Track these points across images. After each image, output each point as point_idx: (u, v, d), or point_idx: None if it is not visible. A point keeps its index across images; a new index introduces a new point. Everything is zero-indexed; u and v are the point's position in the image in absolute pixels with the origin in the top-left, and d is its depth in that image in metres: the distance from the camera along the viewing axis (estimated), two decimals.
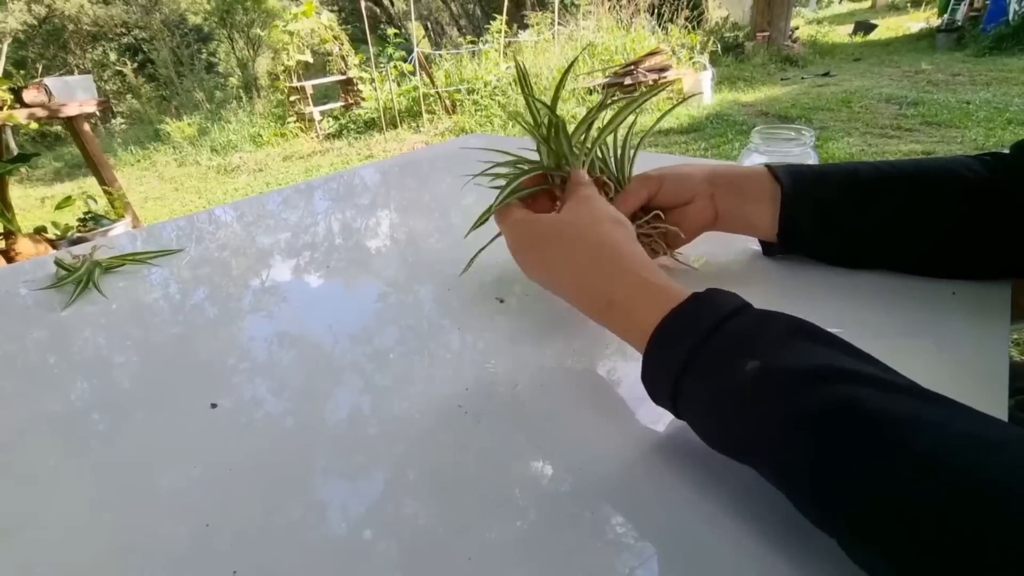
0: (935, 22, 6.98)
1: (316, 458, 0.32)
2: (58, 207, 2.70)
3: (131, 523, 0.29)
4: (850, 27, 8.05)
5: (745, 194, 0.46)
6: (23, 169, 6.33)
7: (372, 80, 5.90)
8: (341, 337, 0.44)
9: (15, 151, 3.13)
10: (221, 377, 0.40)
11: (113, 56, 9.99)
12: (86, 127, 2.98)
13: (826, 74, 5.68)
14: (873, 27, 7.78)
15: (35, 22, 9.89)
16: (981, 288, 0.41)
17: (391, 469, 0.31)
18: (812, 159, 0.62)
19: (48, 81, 2.83)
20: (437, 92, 5.64)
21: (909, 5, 9.34)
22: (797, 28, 7.52)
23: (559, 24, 6.52)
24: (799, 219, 0.44)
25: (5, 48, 4.29)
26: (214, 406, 0.37)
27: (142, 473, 0.32)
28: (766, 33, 6.45)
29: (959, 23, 6.32)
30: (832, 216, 0.43)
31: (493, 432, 0.32)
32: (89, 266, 0.58)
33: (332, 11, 7.05)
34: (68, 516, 0.29)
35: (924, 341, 0.37)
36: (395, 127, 5.66)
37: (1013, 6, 5.55)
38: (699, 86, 5.06)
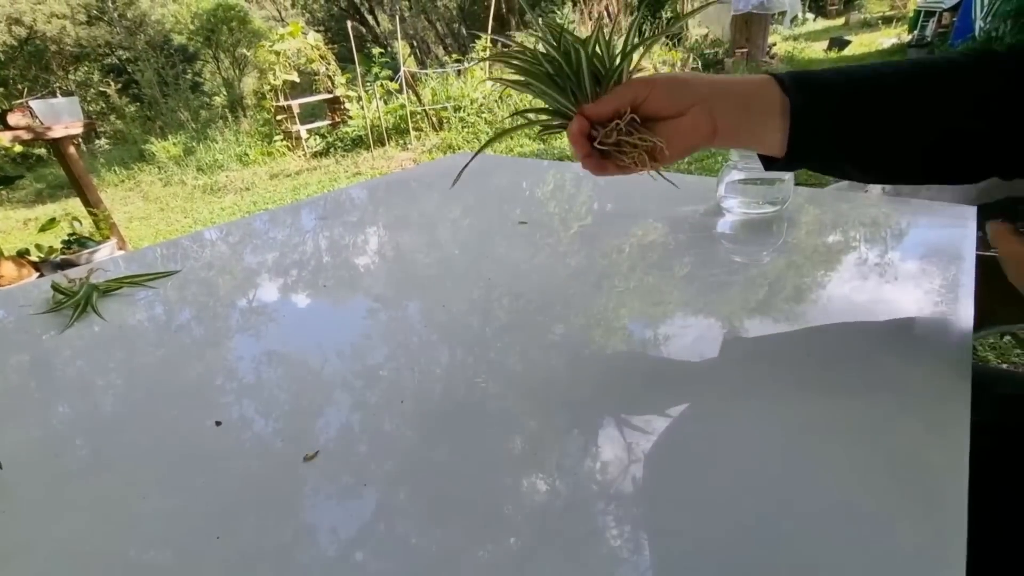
0: (906, 38, 7.21)
1: (306, 478, 0.31)
2: (42, 229, 2.65)
3: (124, 544, 0.28)
4: (825, 43, 8.28)
5: (751, 108, 0.42)
6: (3, 191, 6.24)
7: (359, 98, 5.93)
8: (330, 355, 0.44)
9: None
10: (215, 397, 0.40)
11: (97, 76, 9.94)
12: (71, 150, 2.95)
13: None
14: (847, 43, 8.01)
15: (15, 43, 9.82)
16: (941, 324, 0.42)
17: (382, 488, 0.30)
18: (787, 176, 0.63)
19: (33, 103, 2.81)
20: (424, 110, 5.68)
21: (880, 22, 9.65)
22: (775, 44, 7.72)
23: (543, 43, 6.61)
24: (810, 135, 0.41)
25: None
26: (219, 424, 0.36)
27: (138, 494, 0.31)
28: (745, 49, 6.61)
29: (929, 39, 6.53)
30: (843, 131, 0.41)
31: (485, 447, 0.32)
32: (87, 289, 0.57)
33: (318, 31, 7.10)
34: (66, 537, 0.29)
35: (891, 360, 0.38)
36: (382, 144, 5.68)
37: (979, 23, 5.75)
38: None
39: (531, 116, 0.44)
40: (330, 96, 6.16)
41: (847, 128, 0.41)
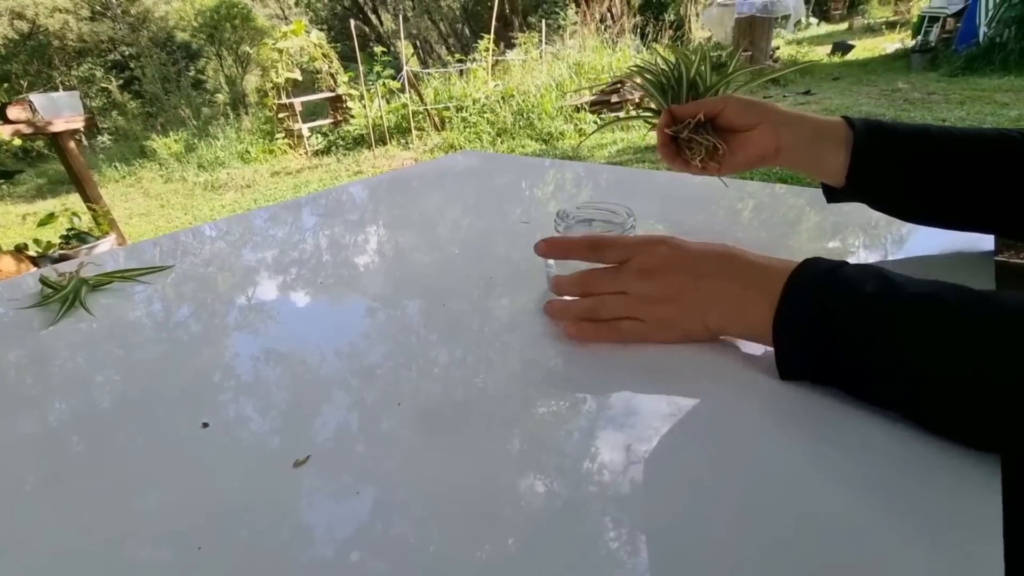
0: (910, 43, 7.21)
1: (303, 477, 0.31)
2: (41, 224, 2.65)
3: (115, 548, 0.28)
4: (828, 48, 8.28)
5: (816, 133, 0.47)
6: (3, 186, 6.24)
7: (361, 97, 5.93)
8: (328, 353, 0.44)
9: None
10: (212, 396, 0.39)
11: (99, 73, 9.95)
12: (71, 144, 2.95)
13: (807, 92, 5.82)
14: (850, 48, 8.01)
15: (18, 37, 9.82)
16: None
17: (380, 488, 0.30)
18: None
19: (33, 97, 2.81)
20: (426, 109, 5.69)
21: (884, 27, 9.65)
22: (778, 48, 7.72)
23: (546, 44, 6.63)
24: (871, 165, 0.45)
25: None
26: (205, 425, 0.36)
27: (126, 496, 0.31)
28: (748, 53, 6.61)
29: (932, 44, 6.53)
30: (904, 167, 0.45)
31: (484, 448, 0.32)
32: (76, 284, 0.56)
33: (322, 30, 7.10)
34: (53, 541, 0.28)
35: None
36: (384, 144, 5.68)
37: (983, 28, 5.76)
38: None
39: (639, 112, 0.58)
40: (332, 94, 6.17)
41: (908, 167, 0.45)
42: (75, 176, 2.98)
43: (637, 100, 5.04)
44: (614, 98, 5.20)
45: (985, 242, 0.50)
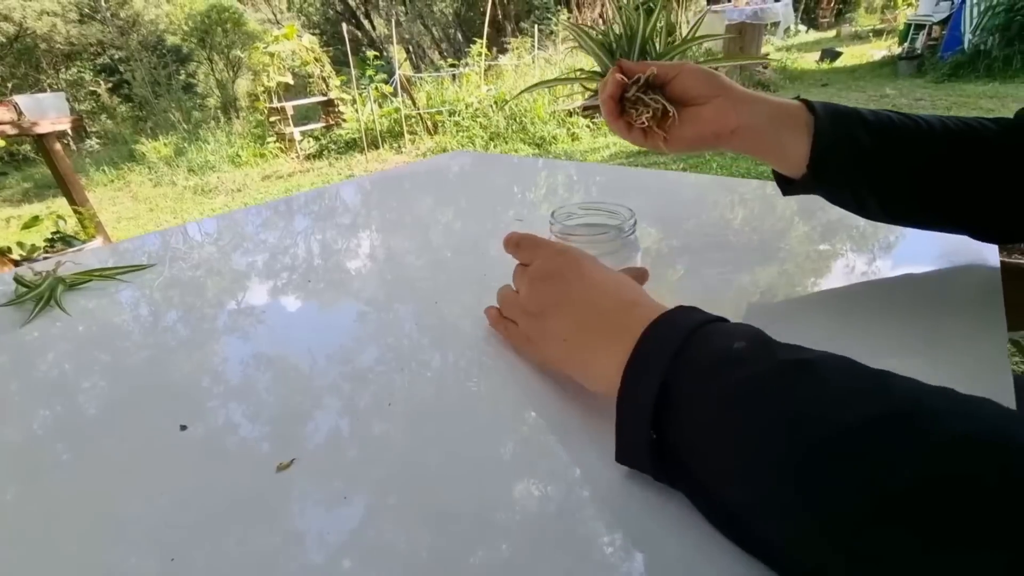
0: (896, 50, 7.32)
1: (293, 484, 0.31)
2: (25, 227, 2.61)
3: (96, 556, 0.27)
4: (817, 55, 8.38)
5: (775, 115, 0.43)
6: None
7: (353, 101, 5.92)
8: (319, 357, 0.43)
9: None
10: (193, 400, 0.39)
11: (88, 76, 9.86)
12: (57, 146, 2.92)
13: (797, 98, 5.89)
14: (838, 55, 8.11)
15: (4, 40, 9.72)
16: (975, 301, 0.42)
17: (371, 494, 0.29)
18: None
19: (18, 99, 2.77)
20: (419, 113, 5.68)
21: (871, 35, 9.80)
22: (767, 54, 7.80)
23: (538, 48, 6.66)
24: (834, 151, 0.41)
25: None
26: (184, 428, 0.35)
27: (108, 503, 0.30)
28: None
29: (919, 51, 6.63)
30: (867, 156, 0.41)
31: (476, 453, 0.32)
32: (52, 282, 0.55)
33: (314, 34, 7.09)
34: (29, 551, 0.28)
35: (919, 360, 0.38)
36: (376, 148, 5.67)
37: (968, 36, 5.85)
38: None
39: (576, 75, 0.53)
40: (325, 98, 6.15)
41: (871, 155, 0.41)
42: (60, 178, 2.94)
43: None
44: None
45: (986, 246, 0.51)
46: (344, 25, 6.37)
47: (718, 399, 0.25)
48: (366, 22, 12.06)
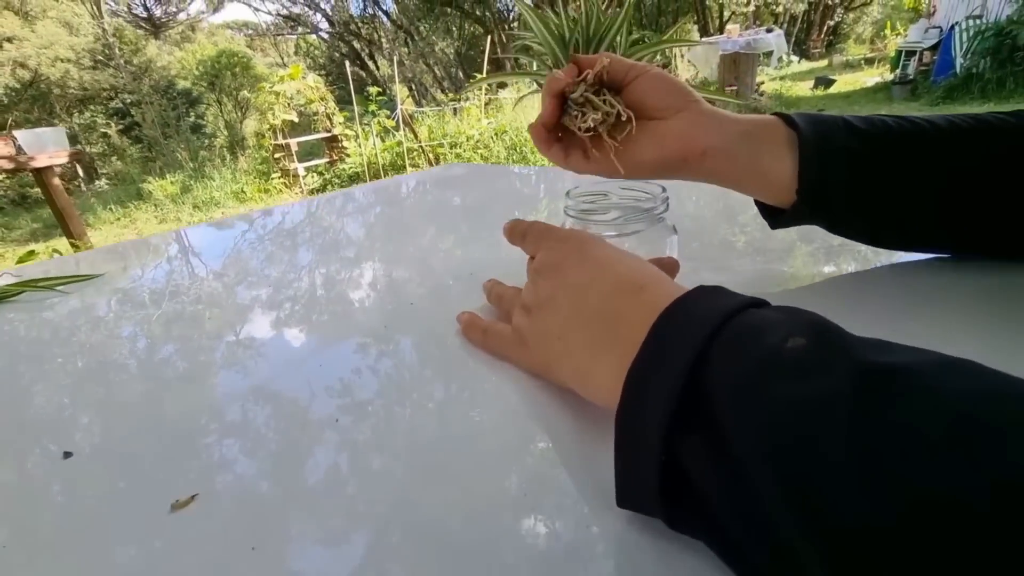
0: (888, 77, 7.46)
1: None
2: (20, 261, 2.64)
3: None
4: (810, 83, 8.55)
5: (751, 134, 0.35)
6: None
7: (356, 136, 6.05)
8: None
9: None
10: (88, 419, 0.37)
11: (100, 119, 10.14)
12: (56, 180, 2.97)
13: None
14: (832, 82, 8.28)
15: (19, 86, 10.05)
16: None
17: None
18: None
19: (17, 133, 2.84)
20: (421, 146, 5.79)
21: (863, 63, 10.01)
22: (762, 83, 7.97)
23: (537, 83, 6.82)
24: (828, 169, 0.33)
25: None
26: (68, 455, 0.33)
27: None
28: (734, 88, 6.80)
29: (911, 76, 6.77)
30: (870, 172, 0.33)
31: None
32: None
33: (319, 75, 7.30)
34: None
35: None
36: (379, 180, 5.77)
37: (959, 60, 5.97)
38: None
39: (527, 69, 0.48)
40: (328, 135, 6.29)
41: (860, 160, 0.34)
42: (58, 212, 2.99)
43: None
44: None
45: None
46: (348, 66, 6.56)
47: (766, 428, 0.16)
48: (370, 63, 12.43)
